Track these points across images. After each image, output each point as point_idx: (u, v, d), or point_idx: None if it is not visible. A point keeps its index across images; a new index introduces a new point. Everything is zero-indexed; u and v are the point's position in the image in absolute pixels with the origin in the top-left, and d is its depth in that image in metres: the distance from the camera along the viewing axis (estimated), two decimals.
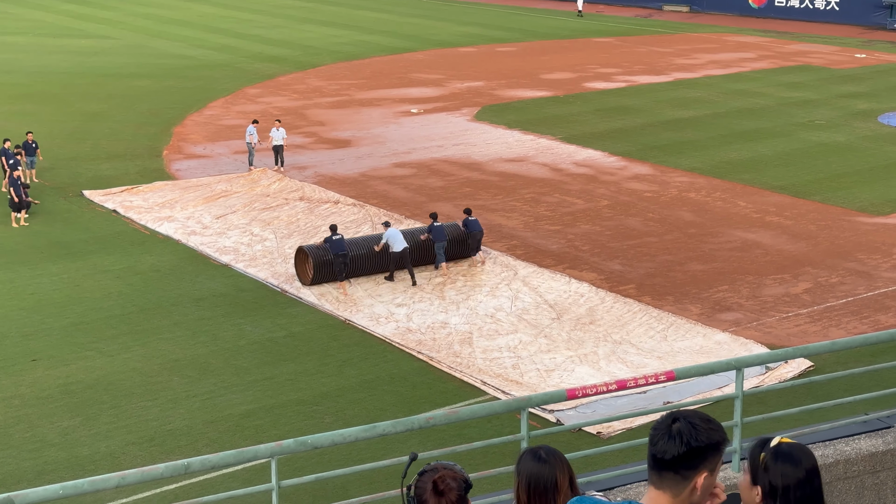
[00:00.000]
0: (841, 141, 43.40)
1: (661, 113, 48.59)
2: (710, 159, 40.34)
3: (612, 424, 19.58)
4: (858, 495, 9.57)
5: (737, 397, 9.19)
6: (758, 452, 4.46)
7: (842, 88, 54.85)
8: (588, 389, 8.82)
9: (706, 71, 60.24)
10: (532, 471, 5.10)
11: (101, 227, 32.33)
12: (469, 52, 67.14)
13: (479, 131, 45.06)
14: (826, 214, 33.59)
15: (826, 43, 71.99)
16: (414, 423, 8.38)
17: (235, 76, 57.26)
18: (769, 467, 4.40)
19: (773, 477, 4.39)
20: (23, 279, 27.92)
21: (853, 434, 9.74)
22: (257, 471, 17.33)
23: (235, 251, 30.23)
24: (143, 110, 48.26)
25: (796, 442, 4.48)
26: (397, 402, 21.33)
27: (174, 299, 26.70)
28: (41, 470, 18.60)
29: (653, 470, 4.24)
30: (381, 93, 53.32)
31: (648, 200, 35.14)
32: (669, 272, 28.62)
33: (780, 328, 24.94)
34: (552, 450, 5.21)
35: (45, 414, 20.77)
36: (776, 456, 4.42)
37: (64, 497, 7.33)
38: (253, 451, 8.00)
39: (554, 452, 5.19)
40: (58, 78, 55.92)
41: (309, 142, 43.11)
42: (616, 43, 71.35)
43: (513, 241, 30.86)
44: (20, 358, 23.26)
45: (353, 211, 33.63)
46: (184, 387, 21.96)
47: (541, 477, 5.07)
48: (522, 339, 24.34)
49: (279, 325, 25.18)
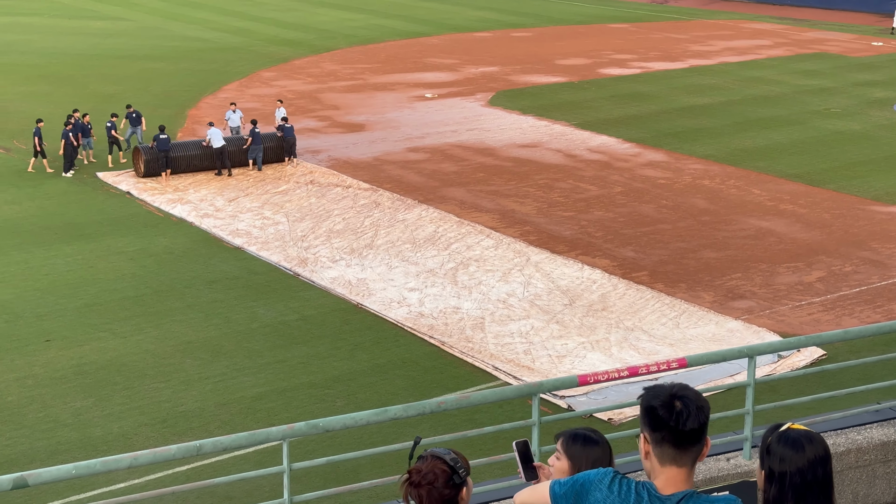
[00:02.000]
0: (856, 129, 43.21)
1: (676, 100, 48.44)
2: (724, 147, 40.21)
3: (623, 411, 19.57)
4: (870, 484, 9.57)
5: (749, 385, 9.19)
6: (766, 436, 4.47)
7: (858, 76, 54.58)
8: (600, 376, 8.83)
9: (722, 58, 60.00)
10: (596, 455, 5.15)
11: (115, 208, 32.42)
12: (484, 36, 67.00)
13: (493, 116, 44.98)
14: (840, 203, 33.46)
15: (842, 31, 71.62)
16: (425, 408, 8.39)
17: (250, 59, 57.26)
18: (772, 451, 4.39)
19: (772, 461, 4.38)
20: (37, 260, 28.02)
21: (865, 423, 9.74)
22: (269, 453, 17.41)
23: (248, 234, 30.28)
24: (157, 92, 48.32)
25: (808, 429, 4.45)
26: (409, 387, 21.36)
27: (187, 281, 26.76)
28: (54, 450, 18.69)
29: (675, 447, 4.26)
30: (395, 77, 53.26)
31: (662, 187, 35.06)
32: (682, 259, 28.57)
33: (793, 316, 24.89)
34: (598, 431, 5.30)
35: (59, 394, 20.87)
36: (780, 440, 4.41)
37: (77, 477, 7.36)
38: (265, 433, 8.03)
39: (600, 433, 5.28)
40: (73, 59, 56.01)
41: (323, 126, 43.10)
42: (631, 29, 71.10)
43: (526, 227, 30.83)
44: (34, 338, 23.37)
45: (366, 195, 33.64)
46: (196, 369, 22.03)
47: (604, 458, 5.14)
48: (534, 324, 24.34)
49: (291, 309, 25.22)
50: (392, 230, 30.52)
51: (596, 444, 5.20)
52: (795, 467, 4.33)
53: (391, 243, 29.51)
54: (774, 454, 4.37)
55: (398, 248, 29.18)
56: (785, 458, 4.34)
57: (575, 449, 5.21)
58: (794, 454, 4.34)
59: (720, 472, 9.09)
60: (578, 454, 5.19)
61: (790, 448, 4.36)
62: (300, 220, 31.53)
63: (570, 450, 5.22)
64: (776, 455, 4.36)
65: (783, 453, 4.35)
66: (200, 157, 36.04)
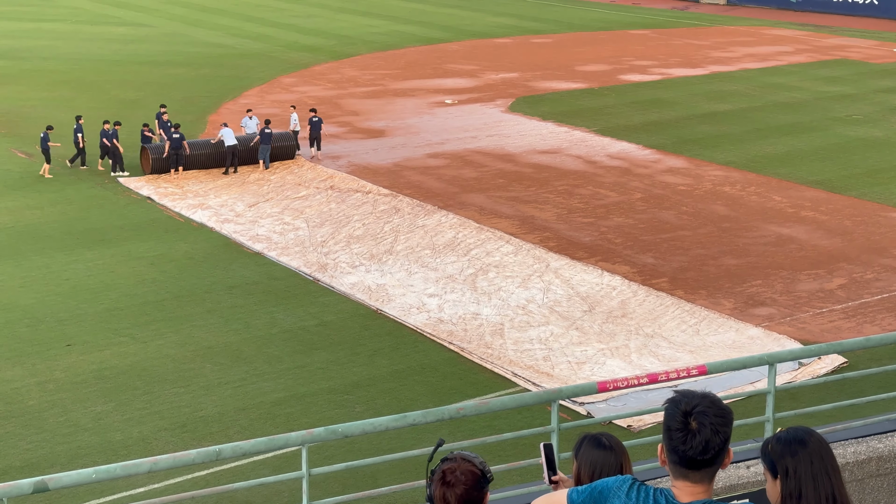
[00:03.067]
0: (878, 136, 43.01)
1: (697, 106, 48.32)
2: (745, 153, 40.08)
3: (642, 418, 19.51)
4: (891, 493, 9.51)
5: (769, 392, 9.15)
6: (766, 447, 4.52)
7: (880, 83, 54.32)
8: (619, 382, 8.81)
9: (742, 64, 59.83)
10: (596, 458, 5.17)
11: (136, 213, 32.56)
12: (504, 42, 67.01)
13: (513, 123, 44.98)
14: (862, 210, 33.31)
15: (864, 37, 71.30)
16: (444, 414, 8.39)
17: (270, 65, 57.43)
18: (776, 451, 4.43)
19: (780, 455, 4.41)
20: (58, 265, 28.16)
21: (886, 431, 9.67)
22: (288, 458, 17.43)
23: (268, 239, 30.36)
24: (178, 98, 48.48)
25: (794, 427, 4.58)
26: (428, 393, 21.36)
27: (207, 286, 26.85)
28: (74, 454, 18.77)
29: (689, 469, 4.29)
30: (415, 83, 53.32)
31: (682, 194, 34.97)
32: (703, 266, 28.49)
33: (814, 324, 24.78)
34: (613, 437, 5.29)
35: (79, 399, 20.95)
36: (779, 441, 4.48)
37: (97, 481, 7.39)
38: (284, 438, 8.04)
39: (615, 440, 5.27)
40: (94, 65, 56.30)
41: (343, 131, 43.19)
42: (652, 35, 70.99)
43: (545, 233, 30.80)
44: (55, 343, 23.48)
45: (386, 201, 33.68)
46: (216, 374, 22.09)
47: (606, 463, 5.14)
48: (554, 331, 24.31)
49: (311, 314, 25.26)
50: (412, 236, 30.55)
51: (605, 449, 5.19)
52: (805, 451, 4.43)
53: (411, 249, 29.53)
54: (781, 451, 4.45)
55: (418, 253, 29.20)
56: (792, 450, 4.43)
57: (583, 451, 5.22)
58: (798, 444, 4.44)
59: (740, 479, 9.05)
60: (585, 457, 5.20)
61: (792, 441, 4.46)
62: (320, 225, 31.59)
63: (578, 452, 5.24)
64: (782, 451, 4.44)
65: (788, 447, 4.45)
66: (209, 156, 37.11)
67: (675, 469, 4.32)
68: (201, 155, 37.01)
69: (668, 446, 4.29)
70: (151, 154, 36.22)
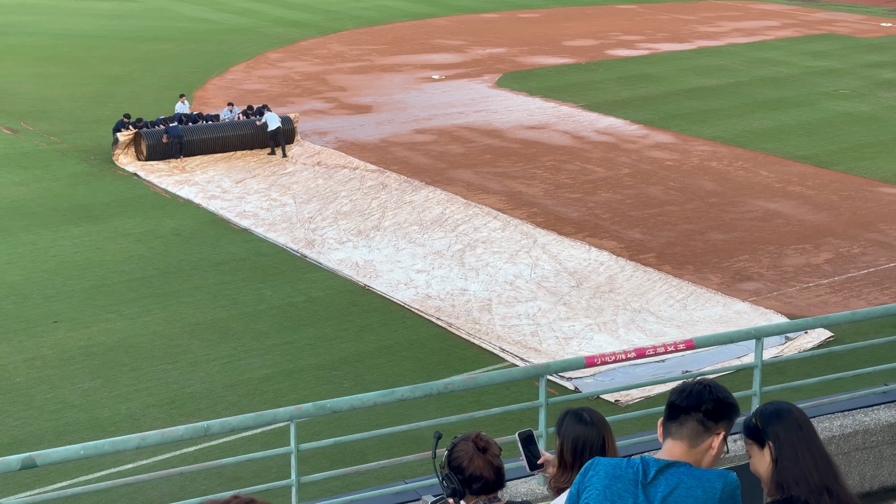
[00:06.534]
0: (865, 111, 43.06)
1: (684, 81, 48.29)
2: (732, 128, 40.10)
3: (630, 392, 19.60)
4: (877, 465, 9.57)
5: (756, 367, 9.19)
6: (748, 421, 4.59)
7: (867, 58, 54.35)
8: (607, 357, 8.83)
9: (730, 39, 59.78)
10: (578, 433, 5.18)
11: (122, 190, 32.44)
12: (491, 18, 66.81)
13: (501, 98, 44.90)
14: (849, 185, 33.38)
15: (851, 11, 71.29)
16: (432, 389, 8.41)
17: (257, 40, 57.17)
18: (763, 420, 4.49)
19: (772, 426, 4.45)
20: (45, 242, 28.06)
21: (873, 405, 9.73)
22: (276, 434, 17.46)
23: (255, 216, 30.30)
24: (164, 74, 48.28)
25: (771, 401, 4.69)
26: (416, 368, 21.39)
27: (195, 263, 26.80)
28: (62, 431, 18.75)
29: (672, 420, 4.44)
30: (402, 58, 53.15)
31: (670, 169, 34.99)
32: (690, 241, 28.54)
33: (801, 298, 24.86)
34: (595, 412, 5.31)
35: (67, 375, 20.92)
36: (764, 412, 4.54)
37: (85, 457, 7.39)
38: (272, 414, 8.05)
39: (597, 415, 5.29)
40: (80, 41, 55.97)
41: (330, 107, 43.06)
42: (639, 10, 70.85)
43: (533, 209, 30.80)
44: (42, 320, 23.42)
45: (373, 177, 33.62)
46: (204, 350, 22.07)
47: (588, 439, 5.15)
48: (542, 306, 24.34)
49: (299, 290, 25.25)
50: (399, 212, 30.52)
51: (587, 425, 5.20)
52: (792, 419, 4.49)
53: (398, 225, 29.50)
54: (767, 420, 4.51)
55: (405, 229, 29.18)
56: (780, 420, 4.49)
57: (565, 428, 5.24)
58: (786, 413, 4.51)
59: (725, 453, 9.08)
60: (568, 433, 5.21)
61: (776, 411, 4.52)
62: (307, 201, 31.52)
63: (559, 426, 5.26)
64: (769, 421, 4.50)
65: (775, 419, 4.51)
66: (213, 141, 35.95)
67: (665, 429, 4.46)
68: (206, 140, 35.83)
69: (666, 408, 4.46)
70: (146, 140, 34.79)
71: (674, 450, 4.42)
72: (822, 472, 4.40)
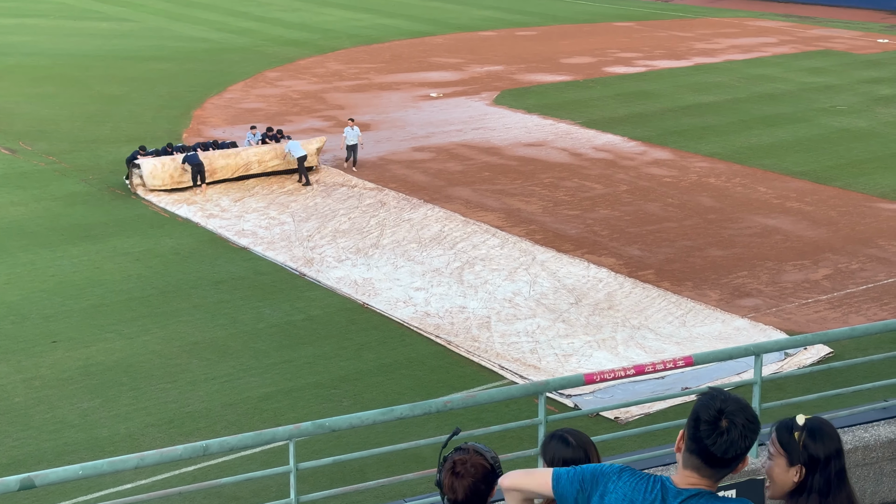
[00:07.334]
0: (862, 126, 43.14)
1: (682, 98, 48.38)
2: (730, 144, 40.16)
3: (629, 409, 19.56)
4: (877, 482, 9.55)
5: (755, 383, 9.16)
6: (789, 433, 4.46)
7: (864, 74, 54.48)
8: (606, 374, 8.81)
9: (727, 56, 59.92)
10: (563, 455, 5.16)
11: (121, 209, 32.45)
12: (489, 35, 66.97)
13: (499, 116, 44.97)
14: (847, 200, 33.41)
15: (848, 28, 71.49)
16: (431, 407, 8.38)
17: (255, 59, 57.29)
18: (807, 444, 4.40)
19: (814, 451, 4.39)
20: (43, 261, 28.05)
21: (872, 420, 9.71)
22: (275, 453, 17.42)
23: (254, 234, 30.30)
24: (162, 93, 48.35)
25: (816, 416, 4.54)
26: (415, 386, 21.35)
27: (193, 282, 26.78)
28: (61, 451, 18.71)
29: (705, 464, 4.27)
30: (400, 77, 53.26)
31: (668, 185, 35.02)
32: (688, 258, 28.54)
33: (800, 314, 24.85)
34: (579, 433, 5.28)
35: (66, 395, 20.89)
36: (812, 432, 4.44)
37: (83, 477, 7.37)
38: (271, 433, 8.02)
39: (581, 436, 5.26)
40: (78, 60, 56.07)
41: (328, 125, 43.09)
42: (636, 27, 71.04)
43: (531, 226, 30.82)
44: (41, 339, 23.39)
45: (371, 195, 33.64)
46: (203, 369, 22.04)
47: (575, 460, 5.13)
48: (541, 323, 24.32)
49: (297, 309, 25.23)
50: (398, 230, 30.53)
51: (571, 447, 5.18)
52: (835, 449, 4.42)
53: (397, 243, 29.51)
54: (814, 445, 4.41)
55: (404, 247, 29.18)
56: (826, 443, 4.41)
57: (549, 449, 5.23)
58: (831, 439, 4.43)
59: None
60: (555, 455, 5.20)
61: (826, 434, 4.43)
62: (306, 219, 31.54)
63: (544, 449, 5.25)
64: (817, 445, 4.41)
65: (822, 440, 4.42)
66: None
67: (689, 459, 4.30)
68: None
69: (691, 435, 4.26)
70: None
71: (695, 480, 4.33)
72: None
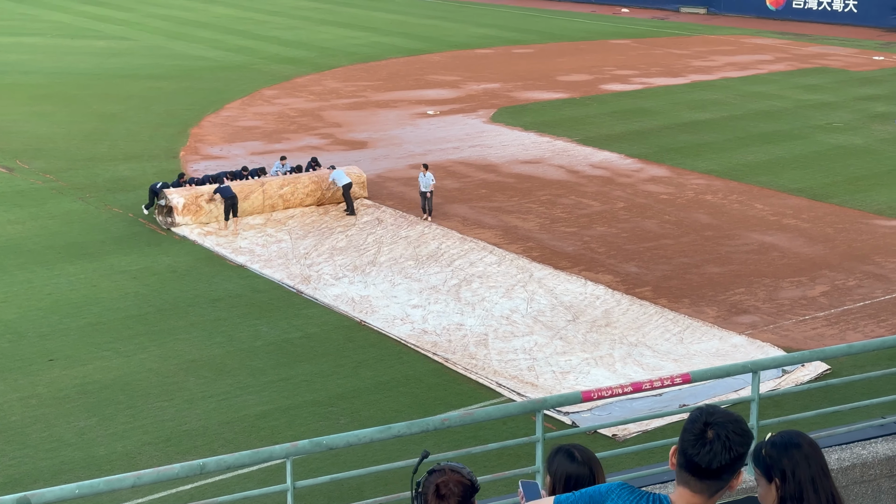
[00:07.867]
0: (859, 143, 43.23)
1: (678, 115, 48.48)
2: (726, 162, 40.22)
3: (627, 427, 19.54)
4: (875, 499, 9.53)
5: (753, 400, 9.16)
6: (758, 451, 4.55)
7: (860, 91, 54.61)
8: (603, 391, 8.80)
9: (723, 73, 60.08)
10: (570, 471, 5.16)
11: (118, 227, 32.44)
12: (485, 53, 67.12)
13: (496, 133, 45.04)
14: (843, 217, 33.45)
15: (844, 45, 71.69)
16: (429, 425, 8.37)
17: (252, 77, 57.39)
18: (772, 456, 4.44)
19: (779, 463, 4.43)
20: (40, 279, 28.03)
21: (870, 437, 9.70)
22: (272, 471, 17.37)
23: (251, 252, 30.29)
24: (160, 111, 48.41)
25: (784, 431, 4.61)
26: (412, 404, 21.33)
27: (190, 300, 26.77)
28: (58, 469, 18.67)
29: (693, 476, 4.30)
30: (397, 94, 53.35)
31: (665, 203, 35.06)
32: (686, 274, 28.55)
33: (797, 331, 24.86)
34: (585, 449, 5.29)
35: (62, 414, 20.84)
36: (774, 445, 4.51)
37: (80, 496, 7.36)
38: (268, 451, 8.01)
39: (587, 452, 5.27)
40: (75, 79, 56.15)
41: (325, 143, 43.17)
42: (632, 45, 71.22)
43: (529, 243, 30.83)
44: (37, 358, 23.36)
45: (368, 212, 33.65)
46: (200, 387, 22.01)
47: (580, 476, 5.14)
48: (538, 340, 24.31)
49: (295, 326, 25.21)
50: (395, 247, 30.53)
51: (577, 463, 5.19)
52: (802, 456, 4.46)
53: (394, 260, 29.51)
54: (778, 456, 4.47)
55: (401, 264, 29.18)
56: (790, 454, 4.47)
57: (556, 464, 5.23)
58: (796, 449, 4.47)
59: None
60: (560, 470, 5.20)
61: (790, 445, 4.49)
62: (303, 237, 31.54)
63: (549, 463, 5.26)
64: (781, 456, 4.47)
65: (787, 451, 4.48)
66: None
67: (680, 474, 4.36)
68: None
69: (680, 447, 4.33)
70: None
71: (690, 497, 4.35)
72: None
